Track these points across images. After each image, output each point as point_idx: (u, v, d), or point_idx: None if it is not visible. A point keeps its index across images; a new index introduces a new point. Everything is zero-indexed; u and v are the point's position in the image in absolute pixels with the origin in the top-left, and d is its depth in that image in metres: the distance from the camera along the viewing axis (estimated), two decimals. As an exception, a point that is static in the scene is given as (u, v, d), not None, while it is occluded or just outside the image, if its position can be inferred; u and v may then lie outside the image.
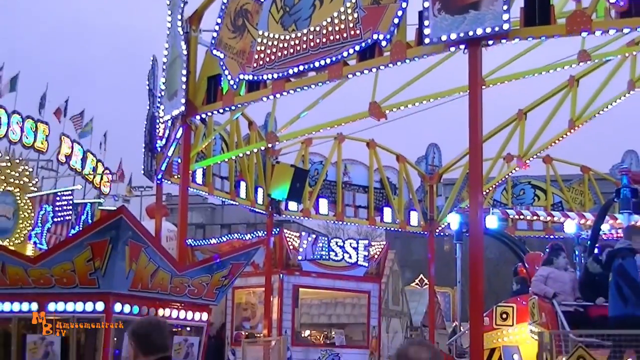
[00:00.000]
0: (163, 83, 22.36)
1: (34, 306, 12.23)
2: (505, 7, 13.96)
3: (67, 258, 11.95)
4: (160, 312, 12.70)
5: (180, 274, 12.94)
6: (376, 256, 32.39)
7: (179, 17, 19.78)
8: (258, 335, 29.11)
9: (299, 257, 30.72)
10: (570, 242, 25.85)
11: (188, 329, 13.45)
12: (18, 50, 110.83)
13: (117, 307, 12.01)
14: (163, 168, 23.72)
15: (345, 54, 15.38)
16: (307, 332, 33.55)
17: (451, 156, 31.45)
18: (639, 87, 27.72)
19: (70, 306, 12.03)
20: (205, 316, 13.58)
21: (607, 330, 18.11)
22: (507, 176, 30.93)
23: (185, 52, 19.77)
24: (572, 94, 28.18)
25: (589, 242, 22.94)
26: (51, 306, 12.20)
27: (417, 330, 47.73)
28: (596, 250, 21.67)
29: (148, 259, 12.20)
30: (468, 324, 18.94)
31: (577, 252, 24.35)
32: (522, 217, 29.01)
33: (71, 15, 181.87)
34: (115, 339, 12.02)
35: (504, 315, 22.03)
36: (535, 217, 28.67)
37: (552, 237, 29.42)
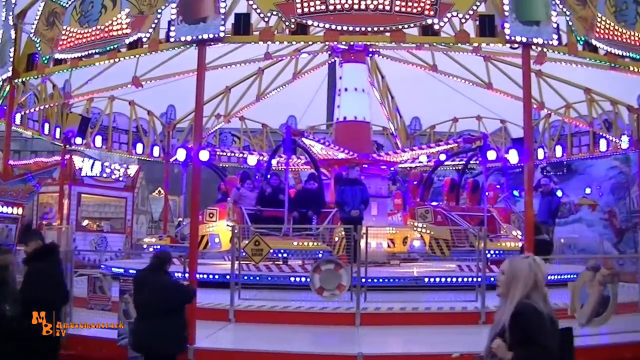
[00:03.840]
0: (-3, 56, 21.46)
1: None
2: (222, 22, 13.83)
3: None
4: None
5: (4, 184, 12.37)
6: (131, 175, 32.22)
7: (10, 13, 18.81)
8: (54, 224, 28.29)
9: (82, 174, 30.22)
10: (253, 169, 26.05)
11: (9, 219, 12.82)
12: None
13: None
14: (-6, 113, 22.65)
15: (120, 44, 14.98)
16: (86, 222, 32.87)
17: (183, 112, 31.10)
18: (300, 78, 28.32)
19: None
20: (20, 210, 12.96)
21: (275, 225, 18.49)
22: (217, 127, 30.85)
23: (13, 37, 18.84)
24: (259, 78, 28.40)
25: (265, 170, 23.20)
26: None
27: (156, 222, 47.35)
28: (269, 176, 22.05)
29: (-17, 172, 11.66)
30: (188, 219, 18.84)
31: (257, 177, 24.51)
32: (224, 153, 29.16)
33: None
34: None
35: (211, 215, 22.07)
36: (232, 154, 28.84)
37: (242, 166, 29.52)
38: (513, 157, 22.25)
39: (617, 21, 15.09)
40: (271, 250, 16.24)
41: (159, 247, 23.43)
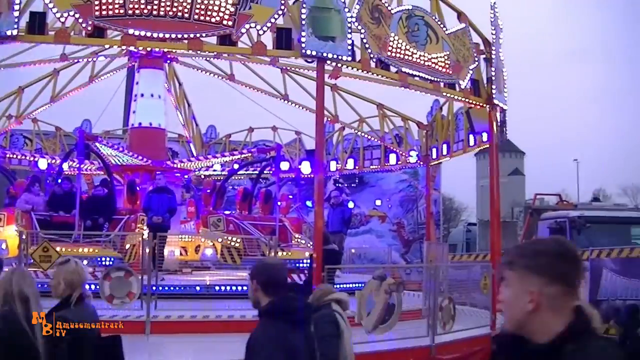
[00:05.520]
0: None
1: None
2: (16, 20, 13.53)
3: None
4: None
5: None
6: None
7: None
8: None
9: None
10: (44, 173, 25.24)
11: None
12: None
13: None
14: None
15: None
16: None
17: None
18: (96, 81, 27.71)
19: None
20: None
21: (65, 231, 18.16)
22: (7, 129, 29.49)
23: None
24: (54, 79, 27.44)
25: (56, 174, 22.64)
26: None
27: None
28: (60, 181, 21.60)
29: None
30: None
31: (48, 181, 23.89)
32: (14, 156, 28.17)
33: None
34: None
35: (-2, 220, 21.27)
36: (23, 157, 27.92)
37: (33, 170, 28.42)
38: (306, 168, 22.86)
39: (409, 41, 15.91)
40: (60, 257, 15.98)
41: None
